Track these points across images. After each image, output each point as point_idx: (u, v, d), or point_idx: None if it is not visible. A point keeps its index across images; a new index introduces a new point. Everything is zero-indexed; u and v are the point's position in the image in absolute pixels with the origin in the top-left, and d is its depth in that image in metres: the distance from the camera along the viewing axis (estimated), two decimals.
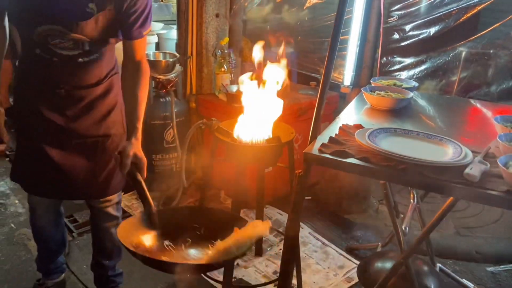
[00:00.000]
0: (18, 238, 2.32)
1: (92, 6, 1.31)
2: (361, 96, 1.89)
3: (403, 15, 2.38)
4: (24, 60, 1.47)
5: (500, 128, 1.48)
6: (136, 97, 1.46)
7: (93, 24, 1.34)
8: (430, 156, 1.27)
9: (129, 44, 1.45)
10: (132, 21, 1.38)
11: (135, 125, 1.45)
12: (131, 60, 1.47)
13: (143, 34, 1.44)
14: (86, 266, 2.10)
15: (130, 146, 1.40)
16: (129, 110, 1.48)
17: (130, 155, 1.38)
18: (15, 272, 2.06)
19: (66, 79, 1.43)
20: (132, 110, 1.46)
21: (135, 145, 1.42)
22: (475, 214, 2.77)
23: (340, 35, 1.40)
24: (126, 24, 1.39)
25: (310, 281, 2.09)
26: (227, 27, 2.78)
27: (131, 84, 1.47)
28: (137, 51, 1.46)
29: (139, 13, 1.37)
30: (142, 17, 1.39)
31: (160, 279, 2.05)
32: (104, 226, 1.74)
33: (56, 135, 1.49)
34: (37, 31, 1.33)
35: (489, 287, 2.15)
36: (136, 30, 1.41)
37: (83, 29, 1.34)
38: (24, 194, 2.73)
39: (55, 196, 1.65)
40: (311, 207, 2.70)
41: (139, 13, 1.37)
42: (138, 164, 1.41)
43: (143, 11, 1.38)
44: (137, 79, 1.47)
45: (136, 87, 1.46)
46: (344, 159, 1.32)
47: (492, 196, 1.16)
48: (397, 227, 1.68)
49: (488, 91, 2.23)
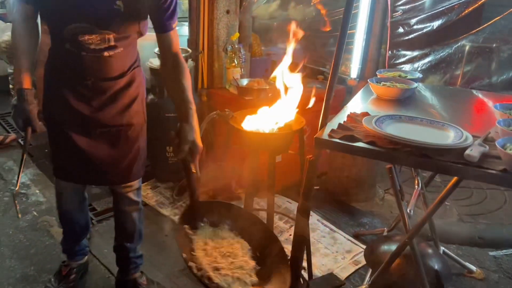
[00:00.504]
0: (41, 225, 2.44)
1: (119, 3, 1.41)
2: (367, 87, 1.98)
3: (407, 9, 2.47)
4: (54, 54, 1.58)
5: (499, 115, 1.57)
6: (183, 86, 1.49)
7: (119, 21, 1.44)
8: (433, 140, 1.37)
9: (164, 37, 1.53)
10: (162, 13, 1.47)
11: (189, 107, 1.44)
12: (169, 53, 1.55)
13: (172, 26, 1.52)
14: (107, 250, 2.22)
15: (190, 130, 1.39)
16: (179, 97, 1.49)
17: (189, 141, 1.37)
18: (40, 255, 2.19)
19: (92, 72, 1.54)
20: (182, 96, 1.47)
21: (195, 130, 1.40)
22: (478, 202, 2.86)
23: (348, 29, 1.50)
24: (157, 17, 1.49)
25: (319, 263, 2.19)
26: (237, 23, 2.88)
27: (175, 76, 1.52)
28: (174, 43, 1.54)
29: (168, 6, 1.47)
30: (170, 10, 1.48)
31: (178, 263, 2.16)
32: (126, 211, 1.85)
33: (82, 124, 1.60)
34: (68, 28, 1.43)
35: (491, 270, 2.24)
36: (167, 22, 1.50)
37: (111, 25, 1.44)
38: (44, 184, 2.87)
39: (81, 181, 1.77)
40: (319, 196, 2.80)
41: (168, 6, 1.47)
42: (193, 150, 1.39)
43: (171, 4, 1.48)
44: (180, 70, 1.52)
45: (181, 77, 1.51)
46: (352, 143, 1.41)
47: (490, 175, 1.25)
48: (403, 209, 1.77)
49: (490, 82, 2.31)
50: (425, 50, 2.46)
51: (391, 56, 2.56)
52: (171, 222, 2.51)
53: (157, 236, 2.37)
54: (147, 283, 1.93)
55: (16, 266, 2.10)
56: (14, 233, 2.35)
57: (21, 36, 1.49)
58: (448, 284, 2.03)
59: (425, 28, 2.44)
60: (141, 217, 1.90)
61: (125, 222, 1.87)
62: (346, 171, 2.79)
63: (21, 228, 2.40)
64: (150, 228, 2.39)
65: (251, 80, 2.72)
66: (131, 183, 1.77)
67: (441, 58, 2.44)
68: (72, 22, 1.42)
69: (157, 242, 2.31)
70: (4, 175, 2.97)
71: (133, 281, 1.92)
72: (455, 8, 2.33)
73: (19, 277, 2.03)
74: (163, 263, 2.17)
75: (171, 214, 2.60)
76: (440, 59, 2.44)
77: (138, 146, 1.71)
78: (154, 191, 2.83)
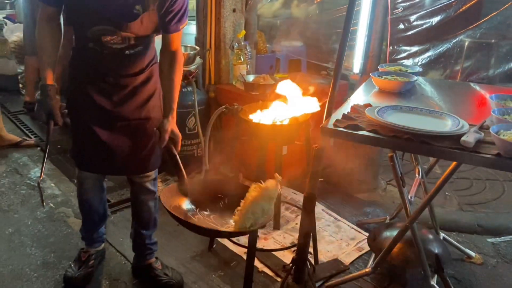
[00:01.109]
0: (58, 216, 2.55)
1: (138, 7, 1.53)
2: (369, 81, 2.08)
3: (407, 6, 2.57)
4: (78, 52, 1.68)
5: (495, 104, 1.68)
6: (172, 81, 1.70)
7: (139, 23, 1.56)
8: (432, 127, 1.47)
9: (167, 36, 1.66)
10: (170, 17, 1.59)
11: (171, 105, 1.70)
12: (168, 49, 1.70)
13: (179, 28, 1.65)
14: (122, 239, 2.33)
15: (167, 123, 1.66)
16: (166, 92, 1.72)
17: (168, 131, 1.64)
18: (59, 243, 2.30)
19: (114, 69, 1.65)
20: (168, 92, 1.71)
21: (172, 123, 1.67)
22: (477, 192, 2.96)
23: (351, 26, 1.60)
24: (165, 20, 1.60)
25: (325, 250, 2.30)
26: (243, 21, 2.98)
27: (167, 70, 1.71)
28: (174, 42, 1.68)
29: (177, 10, 1.58)
30: (179, 14, 1.60)
31: (189, 249, 2.28)
32: (143, 199, 1.95)
33: (104, 117, 1.70)
34: (92, 30, 1.55)
35: (489, 256, 2.34)
36: (174, 25, 1.62)
37: (131, 27, 1.56)
38: (58, 178, 2.98)
39: (102, 172, 1.88)
40: (324, 188, 2.89)
41: (177, 11, 1.58)
42: (174, 139, 1.67)
43: (181, 9, 1.59)
44: (173, 66, 1.70)
45: (172, 72, 1.70)
46: (356, 132, 1.52)
47: (484, 159, 1.36)
48: (404, 196, 1.87)
49: (487, 75, 2.42)
50: (424, 46, 2.57)
51: (392, 52, 2.66)
52: None
53: (168, 226, 2.47)
54: (161, 267, 2.04)
55: (36, 254, 2.21)
56: (33, 224, 2.47)
57: (45, 35, 1.60)
58: (447, 268, 2.14)
59: (424, 24, 2.55)
60: (156, 206, 2.01)
61: (142, 210, 1.97)
62: (349, 163, 2.89)
63: (40, 219, 2.51)
64: (162, 219, 2.48)
65: (257, 76, 2.83)
66: (148, 173, 1.88)
67: (440, 53, 2.54)
68: (96, 25, 1.54)
69: (169, 231, 2.42)
70: (20, 170, 3.08)
71: (148, 265, 2.03)
72: (453, 5, 2.43)
73: (40, 264, 2.14)
74: (175, 249, 2.27)
75: None
76: (439, 54, 2.54)
77: (156, 133, 1.82)
78: (165, 183, 2.93)
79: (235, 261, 2.19)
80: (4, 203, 2.66)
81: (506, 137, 1.34)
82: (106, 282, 2.04)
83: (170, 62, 1.71)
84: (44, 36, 1.61)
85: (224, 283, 2.05)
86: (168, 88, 1.71)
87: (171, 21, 1.61)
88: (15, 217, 2.53)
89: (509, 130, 1.39)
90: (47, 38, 1.61)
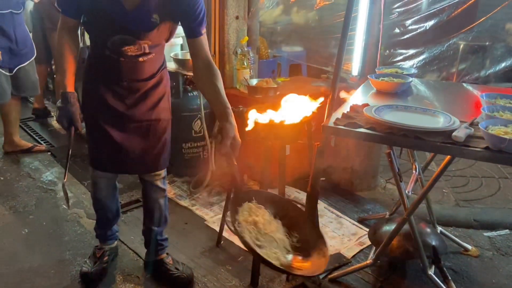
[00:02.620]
0: (71, 216, 2.66)
1: (155, 16, 1.62)
2: (367, 83, 2.20)
3: (403, 11, 2.70)
4: (94, 58, 1.80)
5: (485, 102, 1.79)
6: (218, 88, 1.63)
7: (155, 31, 1.66)
8: (425, 124, 1.58)
9: (195, 42, 1.70)
10: (193, 20, 1.66)
11: (227, 108, 1.57)
12: (201, 57, 1.69)
13: (202, 32, 1.70)
14: (133, 237, 2.44)
15: (231, 128, 1.51)
16: (215, 99, 1.62)
17: (231, 137, 1.49)
18: (74, 242, 2.40)
19: (128, 74, 1.75)
20: (219, 98, 1.61)
21: (235, 128, 1.53)
22: (474, 189, 3.07)
23: (349, 31, 1.72)
24: (189, 24, 1.67)
25: (328, 245, 2.39)
26: (245, 27, 3.10)
27: (209, 79, 1.65)
28: (204, 47, 1.71)
29: (197, 13, 1.65)
30: (200, 17, 1.66)
31: (198, 246, 2.38)
32: (154, 197, 2.06)
33: (118, 119, 1.82)
34: (111, 40, 1.65)
35: (485, 249, 2.43)
36: (197, 28, 1.68)
37: (148, 36, 1.66)
38: (69, 181, 3.08)
39: (116, 171, 1.99)
40: (326, 186, 3.00)
41: (198, 14, 1.65)
42: (234, 144, 1.51)
43: (201, 12, 1.66)
44: (213, 72, 1.66)
45: (214, 79, 1.65)
46: (355, 129, 1.63)
47: (474, 152, 1.47)
48: (401, 190, 1.98)
49: (479, 75, 2.53)
50: (420, 49, 2.69)
51: (389, 55, 2.78)
52: (189, 212, 2.73)
53: (177, 225, 2.59)
54: (172, 263, 2.14)
55: (53, 252, 2.32)
56: (48, 224, 2.57)
57: (65, 45, 1.70)
58: (445, 260, 2.24)
59: (419, 28, 2.67)
60: (166, 203, 2.12)
61: (153, 207, 2.08)
62: (350, 162, 3.00)
63: (54, 219, 2.62)
64: (171, 218, 2.58)
65: (260, 80, 2.94)
66: (159, 172, 1.99)
67: (434, 56, 2.66)
68: (116, 34, 1.64)
69: (178, 230, 2.53)
70: (32, 174, 3.20)
71: (160, 261, 2.13)
72: (446, 10, 2.55)
73: (56, 261, 2.25)
74: (185, 246, 2.38)
75: (189, 205, 2.81)
76: (434, 57, 2.66)
77: (165, 138, 1.93)
78: (172, 185, 3.05)
79: (242, 256, 2.29)
80: (19, 205, 2.77)
81: (493, 132, 1.45)
82: (120, 277, 2.14)
83: (207, 68, 1.67)
84: (64, 46, 1.70)
85: (232, 276, 2.15)
86: (216, 94, 1.62)
87: (194, 23, 1.66)
88: (30, 218, 2.64)
89: (497, 126, 1.51)
90: (66, 47, 1.70)
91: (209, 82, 1.66)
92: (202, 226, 2.58)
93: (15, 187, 3.01)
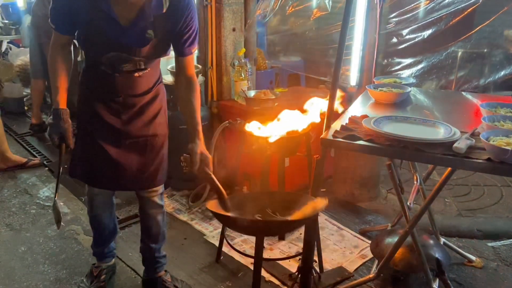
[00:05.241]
0: (68, 233, 2.62)
1: (150, 32, 1.61)
2: (366, 93, 2.17)
3: (399, 21, 2.69)
4: (89, 73, 1.78)
5: (485, 112, 1.76)
6: (193, 106, 1.72)
7: (150, 47, 1.65)
8: (425, 135, 1.55)
9: (181, 60, 1.73)
10: (184, 40, 1.68)
11: (196, 128, 1.69)
12: (184, 73, 1.75)
13: (192, 52, 1.73)
14: (131, 253, 2.40)
15: (196, 146, 1.65)
16: (189, 117, 1.72)
17: (198, 153, 1.64)
18: (71, 260, 2.36)
19: (124, 90, 1.74)
20: (191, 117, 1.71)
21: (200, 145, 1.66)
22: (476, 198, 3.03)
23: (345, 41, 1.70)
24: (179, 44, 1.69)
25: (329, 258, 2.36)
26: (242, 39, 3.10)
27: (186, 96, 1.74)
28: (189, 66, 1.75)
29: (190, 33, 1.67)
30: (192, 37, 1.68)
31: (197, 261, 2.34)
32: (151, 214, 2.02)
33: (113, 135, 1.79)
34: (106, 57, 1.64)
35: (490, 259, 2.39)
36: (187, 48, 1.70)
37: (143, 52, 1.65)
38: (67, 197, 3.06)
39: (112, 188, 1.96)
40: (326, 197, 2.96)
41: (190, 34, 1.67)
42: (204, 160, 1.65)
43: (192, 33, 1.68)
44: (192, 91, 1.74)
45: (192, 97, 1.73)
46: (354, 142, 1.60)
47: (475, 163, 1.44)
48: (403, 202, 1.95)
49: (478, 84, 2.51)
50: (417, 58, 2.67)
51: (387, 65, 2.76)
52: (188, 227, 2.69)
53: (176, 240, 2.55)
54: (171, 280, 2.10)
55: (49, 270, 2.27)
56: (44, 242, 2.53)
57: (57, 61, 1.69)
58: (449, 272, 2.19)
59: (416, 38, 2.65)
60: (164, 220, 2.08)
61: (150, 224, 2.04)
62: (350, 173, 2.97)
63: (50, 237, 2.58)
64: (170, 233, 2.56)
65: (257, 92, 2.92)
66: (156, 188, 1.96)
67: (433, 64, 2.64)
68: (110, 51, 1.63)
69: (177, 245, 2.49)
70: (29, 190, 3.16)
71: (158, 279, 2.09)
72: (443, 18, 2.54)
73: (52, 280, 2.20)
74: (184, 262, 2.34)
75: (188, 219, 2.77)
76: (432, 65, 2.65)
77: (162, 154, 1.90)
78: (170, 199, 3.01)
79: (242, 272, 2.25)
80: (15, 222, 2.73)
81: (495, 143, 1.42)
82: None
83: (187, 86, 1.75)
84: (56, 62, 1.69)
85: None
86: (190, 112, 1.72)
87: (185, 44, 1.69)
88: (27, 235, 2.60)
89: (499, 136, 1.48)
90: (59, 64, 1.69)
91: (186, 99, 1.74)
92: (201, 241, 2.54)
93: (12, 203, 2.97)
